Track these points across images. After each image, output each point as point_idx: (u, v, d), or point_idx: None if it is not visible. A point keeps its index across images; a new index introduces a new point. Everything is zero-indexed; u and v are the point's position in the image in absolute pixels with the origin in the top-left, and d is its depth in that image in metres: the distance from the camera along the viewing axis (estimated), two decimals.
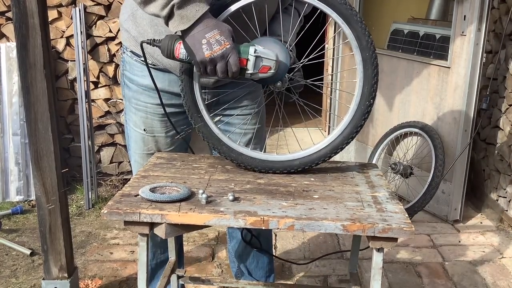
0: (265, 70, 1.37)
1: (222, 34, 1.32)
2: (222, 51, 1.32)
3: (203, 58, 1.33)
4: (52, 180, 2.04)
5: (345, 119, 1.52)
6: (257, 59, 1.36)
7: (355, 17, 1.44)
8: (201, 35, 1.31)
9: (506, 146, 3.00)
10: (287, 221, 1.22)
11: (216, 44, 1.31)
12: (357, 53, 1.47)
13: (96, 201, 3.28)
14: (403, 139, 3.33)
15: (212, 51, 1.31)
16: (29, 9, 1.85)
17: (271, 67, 1.37)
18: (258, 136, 1.82)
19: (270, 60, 1.36)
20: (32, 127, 1.98)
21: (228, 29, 1.34)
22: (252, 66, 1.37)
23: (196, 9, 1.29)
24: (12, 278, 2.43)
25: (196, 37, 1.32)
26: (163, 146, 1.77)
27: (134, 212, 1.24)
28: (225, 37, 1.32)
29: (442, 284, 2.48)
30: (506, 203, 3.03)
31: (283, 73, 1.43)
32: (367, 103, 1.49)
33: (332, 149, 1.53)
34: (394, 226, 1.20)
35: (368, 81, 1.48)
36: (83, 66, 3.19)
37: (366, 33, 1.45)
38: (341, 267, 2.60)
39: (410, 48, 3.33)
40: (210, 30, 1.31)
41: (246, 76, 1.38)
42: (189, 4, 1.29)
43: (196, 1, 1.30)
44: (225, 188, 1.42)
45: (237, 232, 2.02)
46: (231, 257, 2.15)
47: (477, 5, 2.74)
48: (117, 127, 3.43)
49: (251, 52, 1.35)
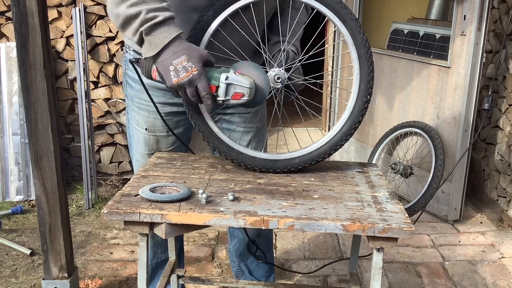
0: (237, 97, 1.35)
1: (190, 60, 1.31)
2: (189, 77, 1.32)
3: (171, 84, 1.34)
4: (52, 180, 2.04)
5: (343, 116, 1.54)
6: (229, 86, 1.34)
7: (350, 15, 1.47)
8: (168, 62, 1.32)
9: (506, 146, 3.00)
10: (287, 221, 1.22)
11: (183, 71, 1.31)
12: (353, 50, 1.50)
13: (96, 201, 3.28)
14: (403, 139, 3.33)
15: (179, 78, 1.32)
16: (29, 9, 1.85)
17: (244, 94, 1.35)
18: (259, 135, 1.83)
19: (243, 87, 1.34)
20: (32, 127, 1.98)
21: (199, 54, 1.33)
22: (223, 93, 1.35)
23: (163, 35, 1.30)
24: (12, 278, 2.43)
25: (164, 64, 1.32)
26: (164, 145, 1.77)
27: (134, 212, 1.24)
28: (192, 63, 1.31)
29: (442, 284, 2.48)
30: (506, 203, 3.03)
31: (262, 99, 1.42)
32: (364, 99, 1.51)
33: (331, 146, 1.54)
34: (394, 226, 1.20)
35: (365, 77, 1.50)
36: (83, 66, 3.19)
37: (361, 31, 1.48)
38: (341, 267, 2.60)
39: (410, 48, 3.33)
40: (177, 57, 1.31)
41: (218, 102, 1.37)
42: (156, 30, 1.30)
43: (165, 27, 1.31)
44: (225, 188, 1.42)
45: (238, 232, 2.02)
46: (231, 257, 2.15)
47: (477, 5, 2.74)
48: (117, 127, 3.43)
49: (222, 79, 1.34)
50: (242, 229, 1.97)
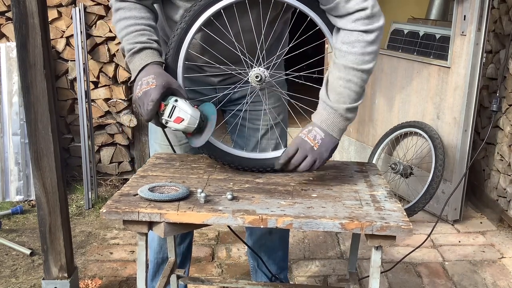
0: (178, 121, 1.41)
1: (156, 78, 1.41)
2: (147, 89, 1.40)
3: (134, 97, 1.46)
4: (52, 180, 2.04)
5: None
6: (175, 108, 1.41)
7: None
8: (139, 78, 1.44)
9: (506, 146, 3.00)
10: (286, 220, 1.23)
11: (145, 84, 1.41)
12: (330, 40, 1.50)
13: (96, 201, 3.28)
14: (403, 139, 3.33)
15: (140, 89, 1.41)
16: (29, 9, 1.86)
17: (185, 119, 1.40)
18: (274, 132, 1.81)
19: (186, 113, 1.40)
20: (32, 127, 1.99)
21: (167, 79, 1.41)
22: (168, 113, 1.41)
23: (140, 62, 1.45)
24: (12, 278, 2.43)
25: (137, 81, 1.45)
26: (179, 139, 1.79)
27: (133, 211, 1.25)
28: (156, 81, 1.40)
29: (442, 284, 2.48)
30: (506, 203, 3.02)
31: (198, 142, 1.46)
32: None
33: None
34: (392, 224, 1.21)
35: None
36: (83, 66, 3.19)
37: None
38: (341, 267, 2.60)
39: (410, 48, 3.33)
40: (147, 75, 1.42)
41: (161, 120, 1.43)
42: (135, 58, 1.46)
43: (142, 54, 1.46)
44: (224, 188, 1.42)
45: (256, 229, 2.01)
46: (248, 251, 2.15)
47: (477, 5, 2.74)
48: (117, 127, 3.43)
49: (171, 100, 1.41)
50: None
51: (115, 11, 1.52)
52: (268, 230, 1.96)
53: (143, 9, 1.52)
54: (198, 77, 1.69)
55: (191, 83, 1.69)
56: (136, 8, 1.51)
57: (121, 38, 1.51)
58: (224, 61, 1.58)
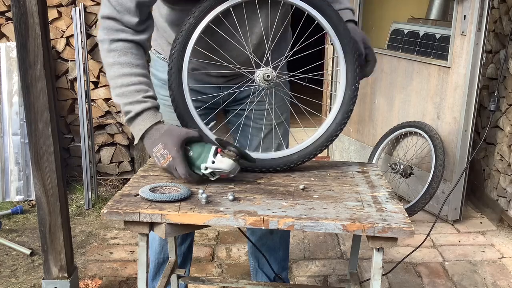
0: (224, 176, 1.43)
1: (166, 147, 1.40)
2: (167, 164, 1.41)
3: (161, 167, 1.46)
4: (52, 180, 2.04)
5: (334, 106, 1.57)
6: (211, 173, 1.42)
7: (329, 7, 1.49)
8: (150, 150, 1.44)
9: (506, 146, 3.00)
10: (287, 221, 1.22)
11: (161, 158, 1.41)
12: (336, 41, 1.52)
13: (96, 201, 3.28)
14: (403, 139, 3.33)
15: (160, 164, 1.42)
16: (29, 9, 1.85)
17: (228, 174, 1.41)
18: (277, 132, 1.81)
19: (223, 171, 1.41)
20: (32, 127, 1.98)
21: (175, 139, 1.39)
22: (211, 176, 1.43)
23: (139, 128, 1.43)
24: (12, 278, 2.43)
25: (148, 151, 1.45)
26: None
27: (134, 212, 1.24)
28: (168, 150, 1.39)
29: (442, 284, 2.48)
30: (506, 203, 3.03)
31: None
32: (353, 88, 1.54)
33: (327, 138, 1.56)
34: (394, 226, 1.20)
35: (351, 66, 1.53)
36: (83, 66, 3.19)
37: (342, 21, 1.51)
38: (341, 267, 2.60)
39: (410, 48, 3.33)
40: (155, 145, 1.42)
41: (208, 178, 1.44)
42: (133, 123, 1.44)
43: (139, 119, 1.43)
44: (225, 188, 1.42)
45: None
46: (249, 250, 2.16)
47: (477, 5, 2.74)
48: (117, 127, 3.43)
49: (202, 169, 1.41)
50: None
51: (108, 51, 1.43)
52: (269, 230, 1.96)
53: (138, 50, 1.45)
54: (203, 77, 1.69)
55: (195, 81, 1.69)
56: (132, 52, 1.43)
57: (114, 87, 1.44)
58: (232, 61, 1.58)
